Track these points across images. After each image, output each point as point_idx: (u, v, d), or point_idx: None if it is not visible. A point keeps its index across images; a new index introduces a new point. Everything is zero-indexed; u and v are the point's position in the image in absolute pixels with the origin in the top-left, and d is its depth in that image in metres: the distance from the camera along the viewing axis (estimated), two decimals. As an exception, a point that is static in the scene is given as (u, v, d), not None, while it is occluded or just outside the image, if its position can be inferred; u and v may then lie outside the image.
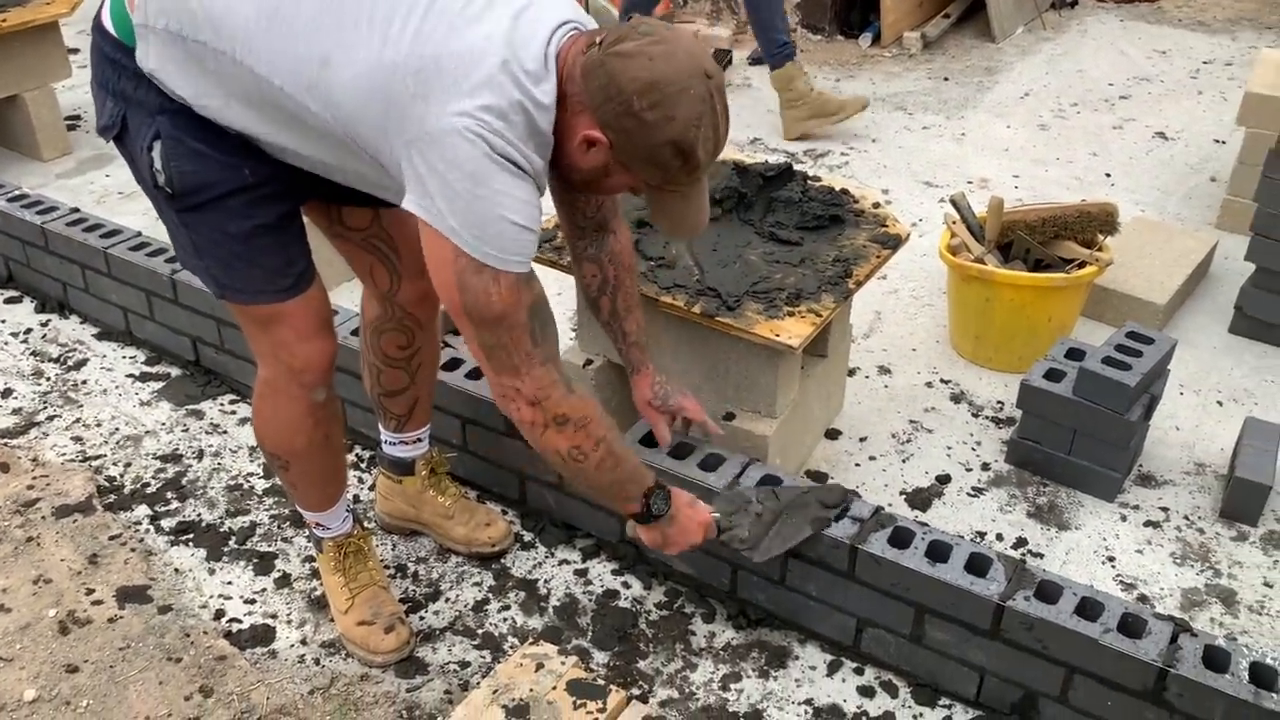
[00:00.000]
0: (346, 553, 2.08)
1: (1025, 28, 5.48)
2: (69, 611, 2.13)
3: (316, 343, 1.84)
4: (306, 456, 1.95)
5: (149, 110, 1.64)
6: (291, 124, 1.60)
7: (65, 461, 2.53)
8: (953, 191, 3.71)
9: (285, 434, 1.92)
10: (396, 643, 2.02)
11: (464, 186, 1.47)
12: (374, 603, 2.06)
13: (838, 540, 1.93)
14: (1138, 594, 2.18)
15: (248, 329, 1.86)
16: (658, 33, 1.51)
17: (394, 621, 2.04)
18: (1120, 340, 2.41)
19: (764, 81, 4.87)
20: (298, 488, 2.02)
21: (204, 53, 1.57)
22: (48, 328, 3.03)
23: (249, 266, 1.75)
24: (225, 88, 1.59)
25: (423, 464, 2.26)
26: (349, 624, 2.05)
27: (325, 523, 2.07)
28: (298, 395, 1.86)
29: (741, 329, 2.10)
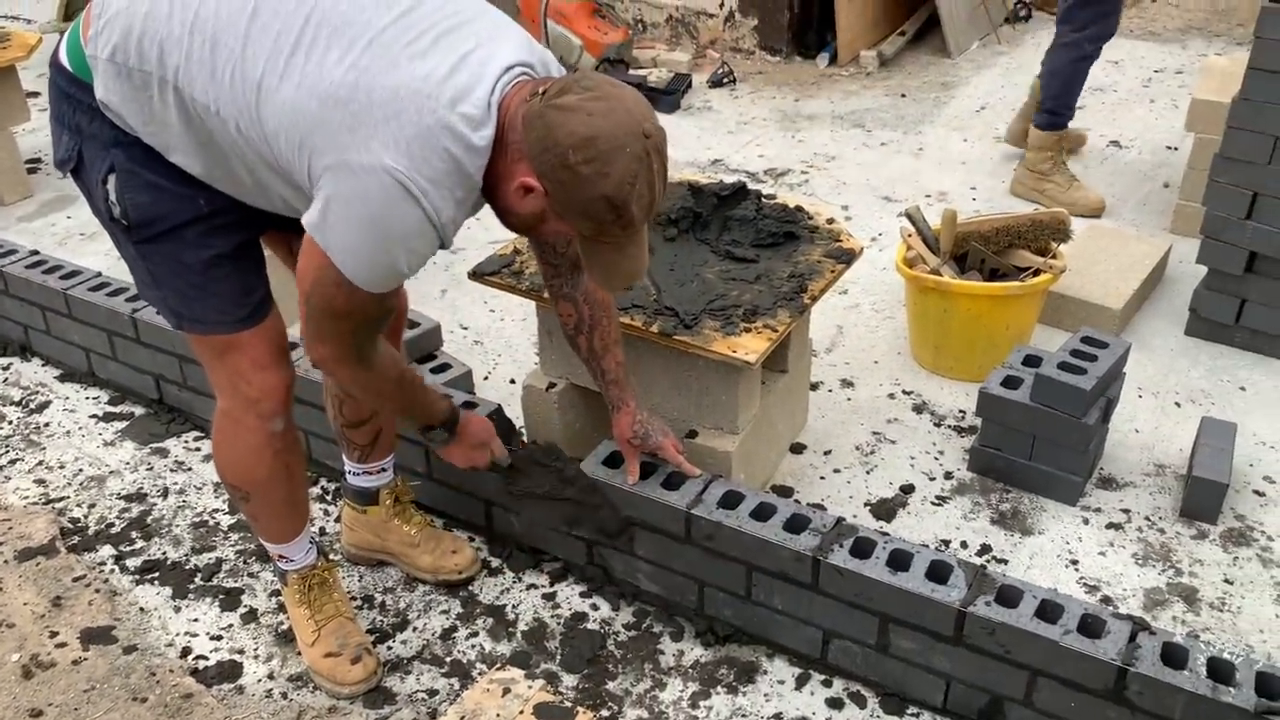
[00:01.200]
0: (311, 585, 2.08)
1: (980, 43, 5.56)
2: (32, 655, 2.11)
3: (273, 372, 1.85)
4: (267, 487, 1.95)
5: (103, 143, 1.67)
6: (228, 153, 1.64)
7: (28, 504, 2.52)
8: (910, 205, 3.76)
9: (245, 465, 1.92)
10: (363, 673, 2.02)
11: (363, 225, 1.53)
12: (340, 634, 2.06)
13: (800, 553, 1.94)
14: (1101, 595, 2.20)
15: (205, 360, 1.87)
16: (601, 88, 1.53)
17: (360, 652, 2.04)
18: (1075, 345, 2.44)
19: (723, 104, 4.93)
20: (260, 520, 2.02)
21: (149, 81, 1.60)
22: (9, 371, 3.01)
23: (206, 296, 1.76)
24: (167, 117, 1.62)
25: (387, 493, 2.26)
26: (315, 656, 2.04)
27: (289, 555, 2.06)
28: (256, 425, 1.86)
29: (699, 346, 2.12)
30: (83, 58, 1.67)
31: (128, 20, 1.61)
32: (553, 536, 2.26)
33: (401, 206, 1.51)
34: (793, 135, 4.58)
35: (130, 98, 1.63)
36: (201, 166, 1.67)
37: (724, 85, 5.09)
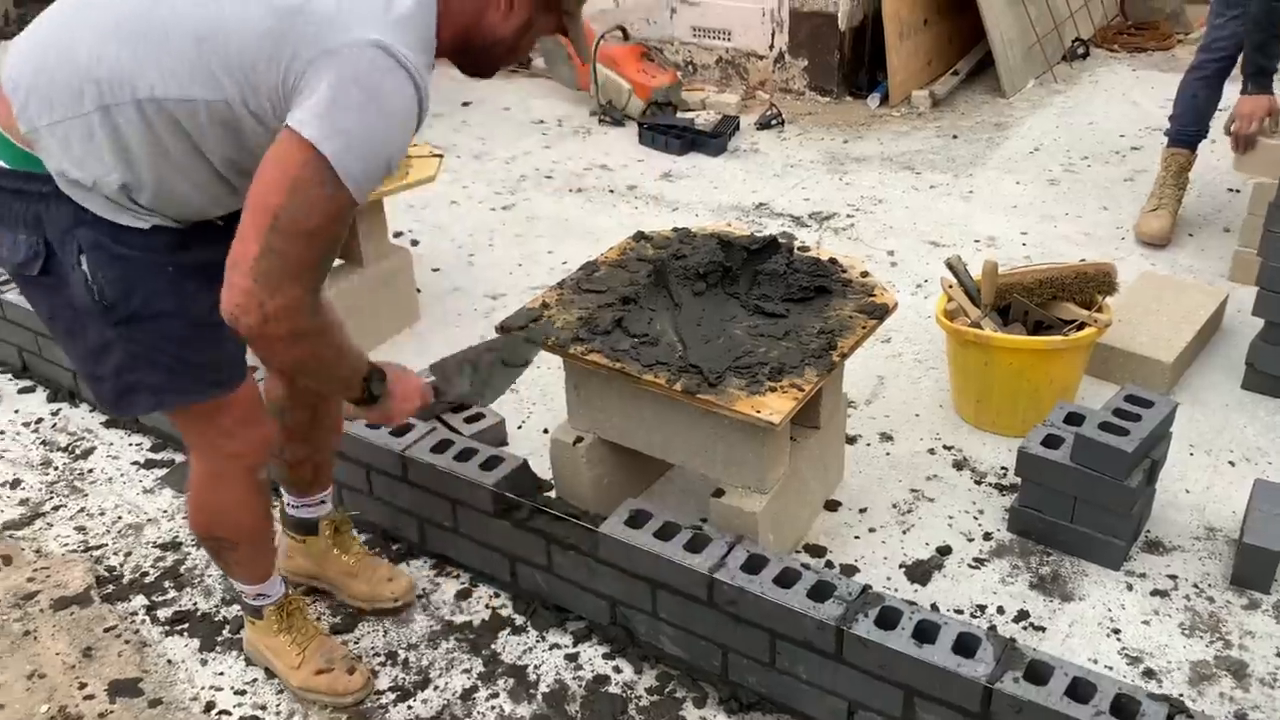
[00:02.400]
0: (288, 612, 2.13)
1: (1036, 81, 5.48)
2: (60, 707, 2.13)
3: (260, 427, 1.91)
4: (254, 533, 2.00)
5: (66, 227, 1.65)
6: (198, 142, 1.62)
7: (67, 552, 2.56)
8: (959, 251, 3.69)
9: (234, 517, 1.96)
10: (362, 680, 2.10)
11: (361, 106, 1.50)
12: (324, 650, 2.12)
13: (823, 622, 1.89)
14: (1144, 668, 2.11)
15: (187, 427, 1.89)
16: None
17: (352, 663, 2.13)
18: (1119, 404, 2.37)
19: (771, 146, 4.90)
20: (244, 565, 2.06)
21: (98, 120, 1.59)
22: (58, 416, 3.08)
23: (190, 366, 1.77)
24: (128, 146, 1.61)
25: (326, 524, 2.31)
26: (306, 676, 2.09)
27: (267, 592, 2.11)
28: (244, 479, 1.91)
29: (722, 406, 2.08)
30: (12, 148, 1.64)
31: (49, 76, 1.60)
32: (577, 596, 2.24)
33: (394, 78, 1.51)
34: (840, 177, 4.53)
35: (88, 150, 1.60)
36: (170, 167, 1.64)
37: (772, 127, 5.07)
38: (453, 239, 4.07)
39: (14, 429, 3.03)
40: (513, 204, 4.39)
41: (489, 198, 4.45)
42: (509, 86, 5.93)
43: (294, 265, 1.55)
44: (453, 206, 4.35)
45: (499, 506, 2.27)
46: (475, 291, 3.66)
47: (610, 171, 4.71)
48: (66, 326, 1.76)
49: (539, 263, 3.86)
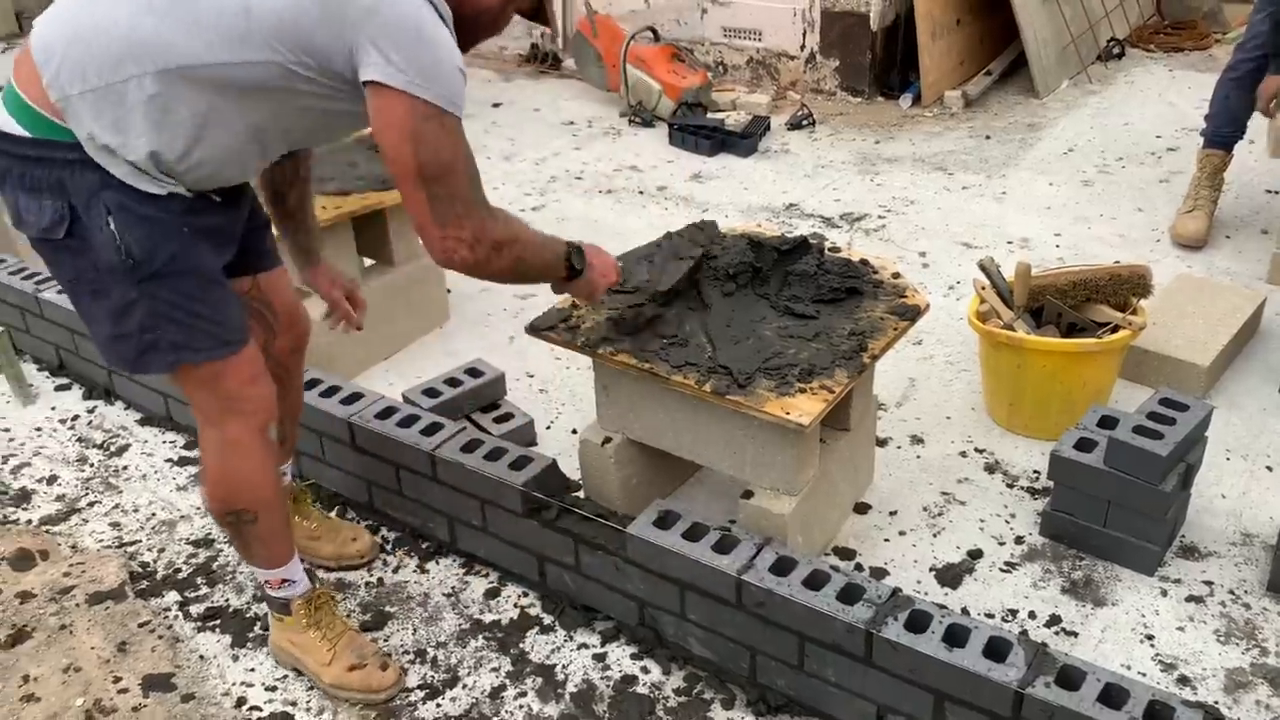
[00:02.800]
0: (318, 606, 2.15)
1: (1070, 81, 5.43)
2: (95, 700, 2.16)
3: (263, 384, 1.97)
4: (273, 502, 2.03)
5: (92, 190, 1.72)
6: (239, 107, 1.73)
7: (102, 548, 2.59)
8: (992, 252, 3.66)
9: (253, 484, 1.99)
10: (395, 676, 2.13)
11: (410, 38, 1.63)
12: (355, 646, 2.14)
13: (852, 624, 1.88)
14: (1178, 674, 2.08)
15: (196, 392, 1.94)
16: None
17: (384, 659, 2.15)
18: (1153, 408, 2.34)
19: (802, 146, 4.89)
20: (265, 542, 2.06)
21: (134, 87, 1.67)
22: (94, 414, 3.12)
23: (205, 322, 1.84)
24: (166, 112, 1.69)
25: (286, 494, 2.33)
26: (339, 673, 2.10)
27: (291, 577, 2.12)
28: (257, 441, 1.96)
29: (751, 407, 2.08)
30: (37, 117, 1.71)
31: (83, 46, 1.68)
32: (605, 596, 2.24)
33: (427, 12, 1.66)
34: (871, 178, 4.51)
35: (121, 118, 1.68)
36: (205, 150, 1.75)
37: (803, 128, 5.06)
38: (483, 239, 4.08)
39: (50, 426, 3.07)
40: (542, 205, 4.40)
41: (519, 199, 4.46)
42: (539, 88, 5.95)
43: (459, 196, 1.74)
44: (483, 207, 4.36)
45: (528, 506, 2.28)
46: (504, 292, 3.67)
47: (640, 172, 4.71)
48: (91, 288, 1.82)
49: (569, 263, 3.86)
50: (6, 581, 2.47)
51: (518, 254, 1.86)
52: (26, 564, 2.52)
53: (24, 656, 2.27)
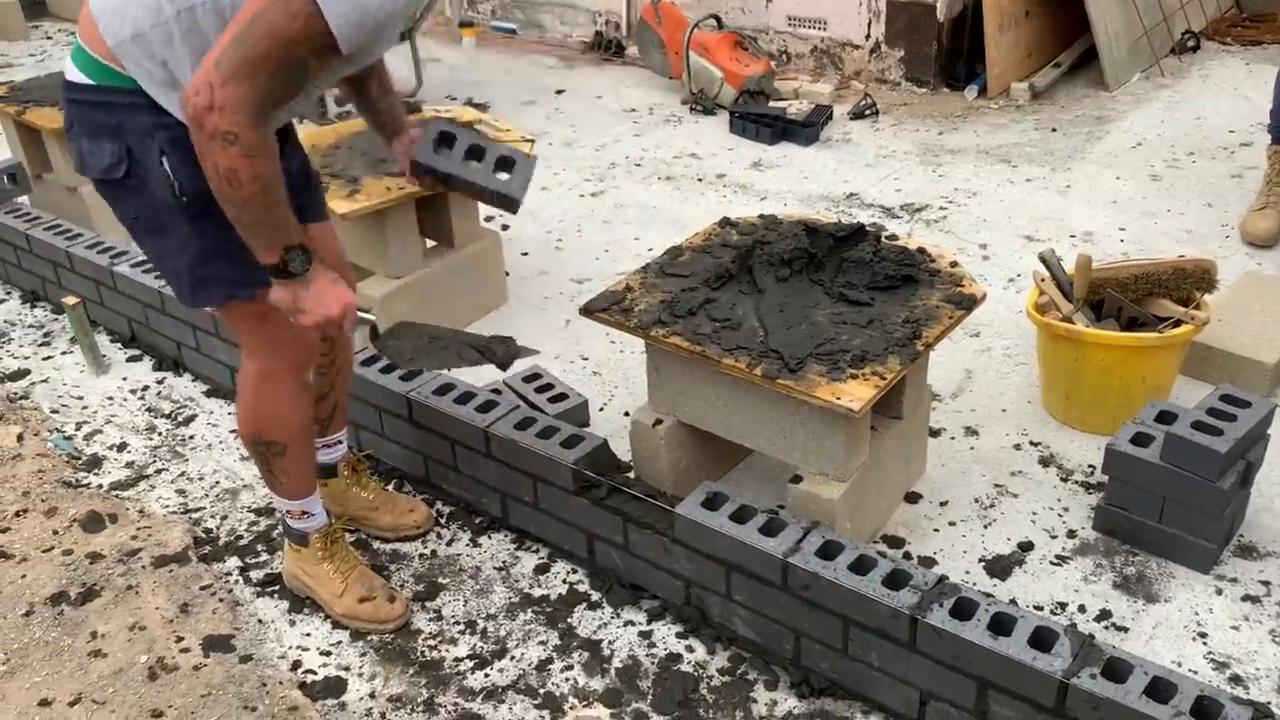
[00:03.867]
0: (332, 540, 2.28)
1: (1142, 74, 5.32)
2: (159, 658, 2.24)
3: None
4: (303, 436, 2.16)
5: (147, 131, 1.83)
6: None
7: (168, 513, 2.68)
8: (1055, 246, 3.62)
9: (285, 418, 2.11)
10: (403, 607, 2.25)
11: None
12: (365, 580, 2.27)
13: (897, 610, 1.88)
14: (1230, 674, 2.05)
15: (244, 327, 2.05)
16: None
17: (392, 592, 2.27)
18: (1213, 404, 2.30)
19: (864, 136, 4.86)
20: (291, 474, 2.19)
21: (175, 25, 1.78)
22: (163, 385, 3.22)
23: (248, 263, 1.87)
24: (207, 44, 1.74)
25: (344, 465, 2.46)
26: (350, 603, 2.23)
27: (310, 509, 2.25)
28: (293, 378, 2.08)
29: (802, 392, 2.09)
30: (98, 65, 1.83)
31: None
32: (652, 575, 2.27)
33: None
34: (934, 169, 4.47)
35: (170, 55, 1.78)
36: None
37: (865, 117, 5.03)
38: (542, 224, 4.13)
39: (122, 395, 3.17)
40: (602, 191, 4.43)
41: (579, 184, 4.50)
42: (602, 75, 5.98)
43: (254, 62, 1.65)
44: (543, 192, 4.40)
45: (579, 484, 2.31)
46: (562, 276, 3.71)
47: (700, 160, 4.72)
48: (149, 226, 1.93)
49: (625, 249, 3.90)
50: (78, 542, 2.56)
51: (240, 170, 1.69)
52: (97, 526, 2.62)
53: (93, 614, 2.35)
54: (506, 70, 6.12)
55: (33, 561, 2.51)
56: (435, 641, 2.25)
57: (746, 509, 2.13)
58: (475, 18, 6.97)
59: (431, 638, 2.26)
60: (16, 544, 2.56)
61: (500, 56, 6.38)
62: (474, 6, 7.02)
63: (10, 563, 2.50)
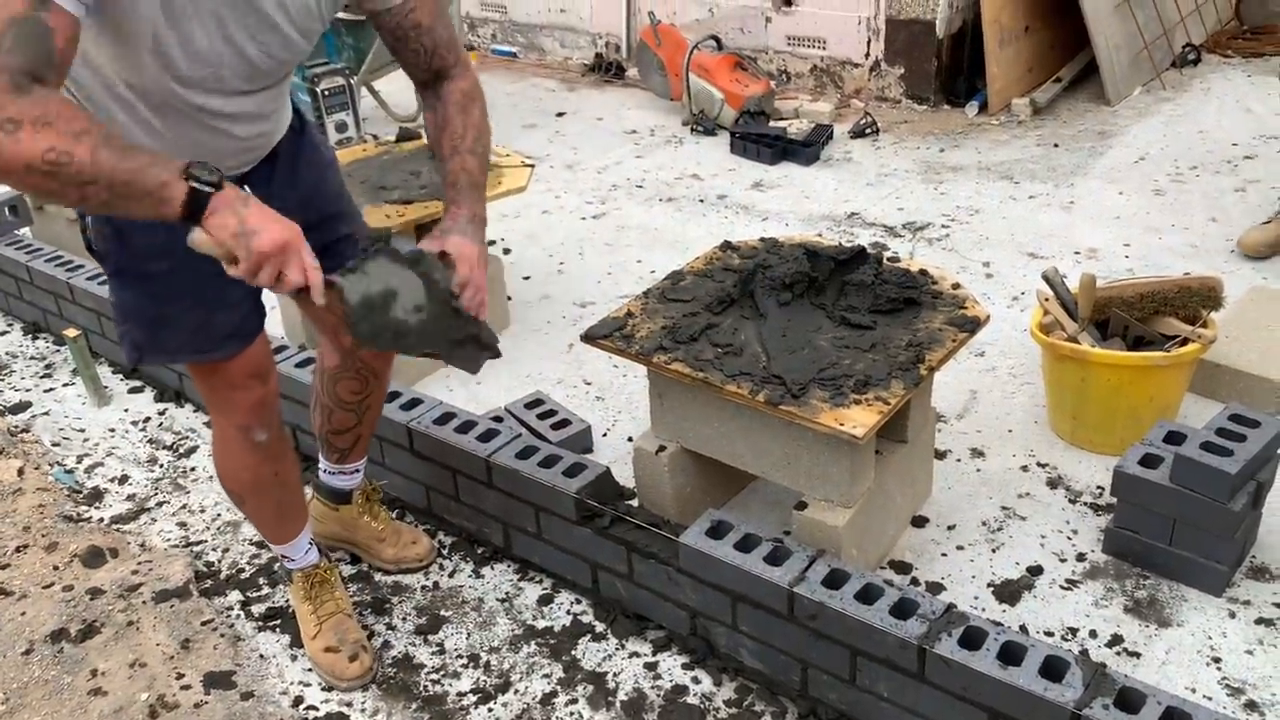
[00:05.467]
0: (313, 583, 2.26)
1: (1143, 88, 5.31)
2: (159, 696, 2.21)
3: (247, 392, 1.99)
4: (258, 494, 2.13)
5: None
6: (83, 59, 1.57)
7: (169, 547, 2.66)
8: (1059, 263, 3.60)
9: (236, 474, 2.11)
10: (360, 670, 2.19)
11: None
12: (339, 630, 2.23)
13: (905, 640, 1.85)
14: (1245, 699, 2.02)
15: (195, 381, 2.03)
16: None
17: (357, 650, 2.20)
18: (1222, 424, 2.27)
19: (865, 155, 4.85)
20: (257, 522, 2.23)
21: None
22: (164, 416, 3.20)
23: (176, 328, 1.87)
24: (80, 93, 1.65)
25: (359, 494, 2.46)
26: (316, 649, 2.22)
27: (290, 555, 2.25)
28: (240, 439, 2.03)
29: (805, 418, 2.06)
30: None
31: None
32: (657, 605, 2.24)
33: None
34: (935, 187, 4.46)
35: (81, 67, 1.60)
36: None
37: (866, 136, 5.02)
38: (544, 247, 4.12)
39: (123, 427, 3.16)
40: (603, 213, 4.43)
41: (580, 207, 4.49)
42: (603, 97, 5.99)
43: None
44: (544, 216, 4.40)
45: (581, 513, 2.29)
46: (564, 299, 3.70)
47: (701, 181, 4.71)
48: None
49: (628, 271, 3.88)
50: (78, 578, 2.54)
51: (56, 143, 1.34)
52: (97, 561, 2.60)
53: (93, 651, 2.33)
54: (507, 94, 6.13)
55: (33, 598, 2.49)
56: (438, 675, 2.22)
57: (751, 537, 2.10)
58: (476, 42, 6.99)
59: (434, 671, 2.23)
60: (16, 580, 2.55)
61: (501, 80, 6.40)
62: (474, 31, 7.04)
63: (10, 599, 2.48)
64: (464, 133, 1.87)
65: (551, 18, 6.58)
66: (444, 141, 1.87)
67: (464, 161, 1.86)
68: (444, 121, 1.87)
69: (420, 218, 3.11)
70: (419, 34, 1.84)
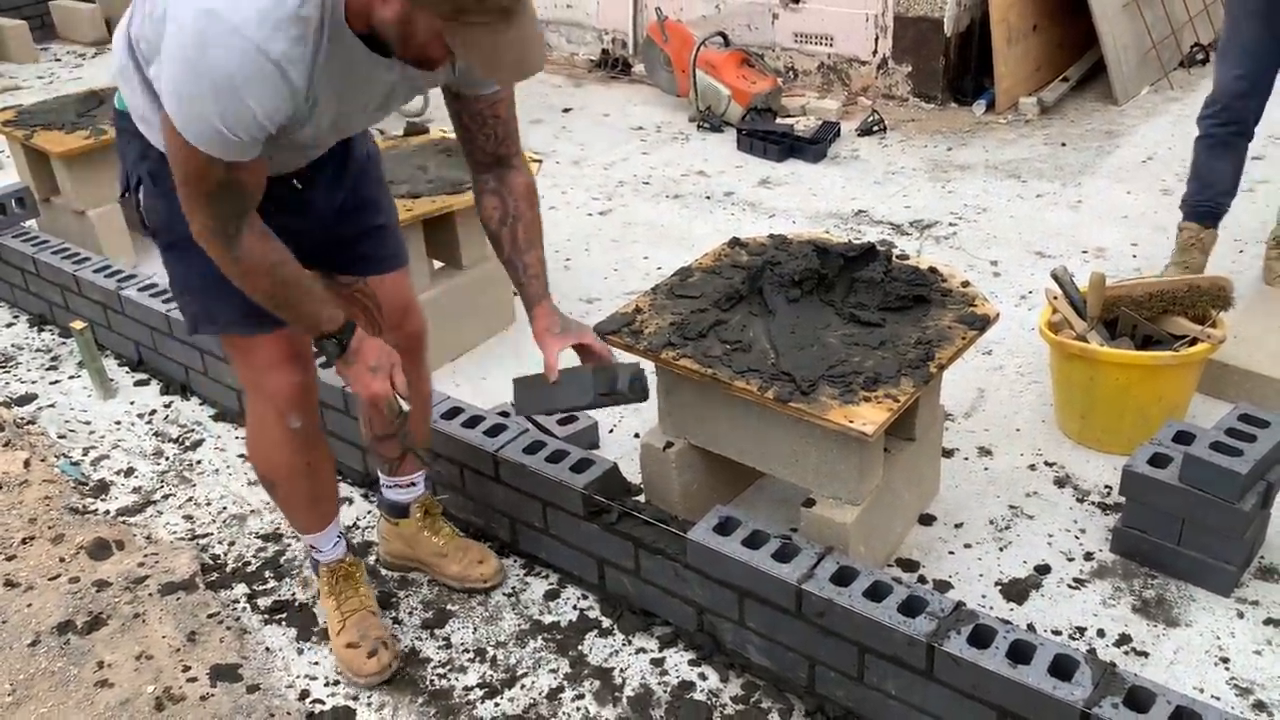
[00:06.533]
0: (339, 577, 2.26)
1: (1151, 88, 5.30)
2: (165, 688, 2.21)
3: (285, 373, 2.00)
4: (290, 480, 2.14)
5: (135, 160, 1.90)
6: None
7: (175, 539, 2.66)
8: (1066, 262, 3.59)
9: (269, 457, 2.12)
10: (378, 667, 2.18)
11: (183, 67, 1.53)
12: (362, 626, 2.22)
13: (914, 637, 1.85)
14: (1254, 700, 2.02)
15: (233, 359, 2.06)
16: None
17: (378, 646, 2.19)
18: (1232, 423, 2.27)
19: (872, 153, 4.84)
20: (287, 510, 2.24)
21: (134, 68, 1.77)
22: (170, 409, 3.20)
23: (220, 299, 1.89)
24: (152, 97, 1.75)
25: (417, 507, 2.42)
26: (339, 645, 2.22)
27: (318, 545, 2.26)
28: (275, 421, 2.04)
29: (814, 415, 2.06)
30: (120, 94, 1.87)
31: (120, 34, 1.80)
32: (664, 601, 2.24)
33: (221, 41, 1.49)
34: (943, 185, 4.45)
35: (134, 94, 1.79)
36: None
37: (873, 133, 5.01)
38: (550, 243, 4.07)
39: (129, 420, 3.16)
40: (610, 209, 4.42)
41: (586, 203, 4.49)
42: (609, 93, 5.98)
43: (191, 201, 1.69)
44: (551, 212, 4.39)
45: (589, 509, 2.28)
46: (571, 296, 3.69)
47: (708, 178, 4.70)
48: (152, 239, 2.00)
49: (634, 268, 3.88)
50: (84, 570, 2.54)
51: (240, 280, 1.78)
52: (104, 553, 2.60)
53: (99, 643, 2.33)
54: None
55: (39, 590, 2.49)
56: (445, 670, 2.22)
57: (759, 534, 2.10)
58: (482, 37, 6.98)
59: (441, 666, 2.23)
60: (23, 572, 2.54)
61: (507, 75, 6.38)
62: (480, 26, 7.03)
63: (16, 591, 2.48)
64: (536, 226, 2.05)
65: (558, 13, 6.57)
66: (518, 234, 2.03)
67: (539, 254, 2.06)
68: (516, 214, 2.03)
69: (427, 212, 3.10)
70: (496, 123, 1.98)
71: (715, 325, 2.31)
